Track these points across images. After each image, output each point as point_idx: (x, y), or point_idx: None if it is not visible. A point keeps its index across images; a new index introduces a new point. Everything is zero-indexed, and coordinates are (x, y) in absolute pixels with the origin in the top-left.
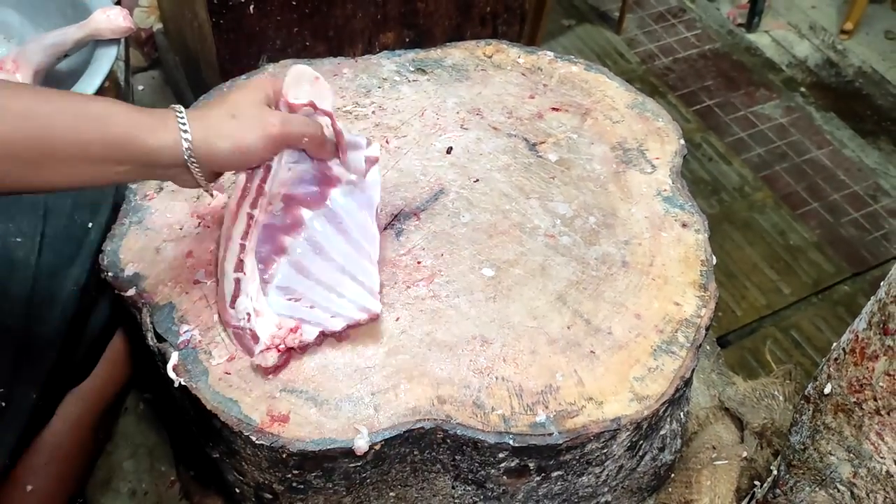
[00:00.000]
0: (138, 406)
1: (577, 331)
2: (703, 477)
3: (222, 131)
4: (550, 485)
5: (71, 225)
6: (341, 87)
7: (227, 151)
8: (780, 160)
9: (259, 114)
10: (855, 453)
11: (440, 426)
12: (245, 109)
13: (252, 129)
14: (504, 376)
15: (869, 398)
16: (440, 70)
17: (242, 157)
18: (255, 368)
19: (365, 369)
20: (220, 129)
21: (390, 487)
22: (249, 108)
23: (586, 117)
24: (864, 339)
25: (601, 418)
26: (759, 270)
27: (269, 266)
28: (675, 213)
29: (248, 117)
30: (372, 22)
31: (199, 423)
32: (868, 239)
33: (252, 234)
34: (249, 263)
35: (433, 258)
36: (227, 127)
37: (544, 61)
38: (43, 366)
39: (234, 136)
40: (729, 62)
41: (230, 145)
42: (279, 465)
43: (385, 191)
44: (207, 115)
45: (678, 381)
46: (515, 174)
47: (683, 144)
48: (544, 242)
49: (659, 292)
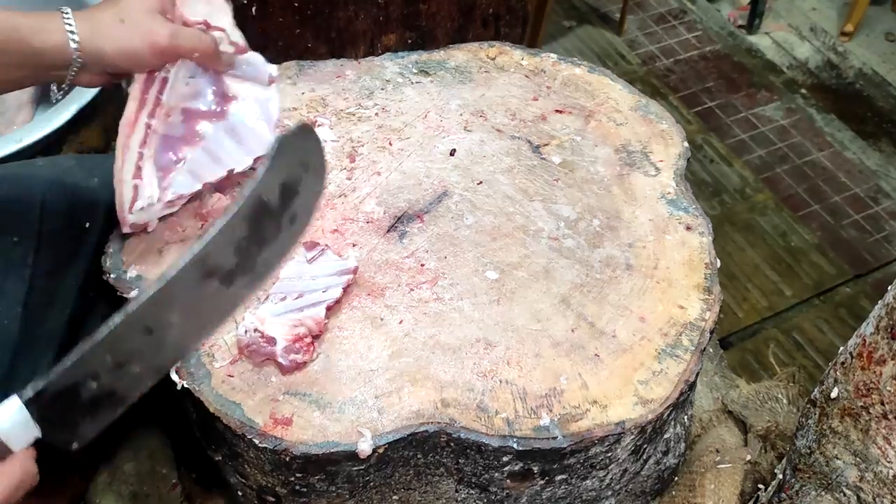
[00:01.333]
0: (140, 409)
1: (581, 334)
2: (706, 480)
3: (110, 33)
4: (554, 488)
5: (68, 225)
6: (344, 88)
7: (114, 54)
8: (781, 162)
9: (149, 22)
10: (861, 457)
11: (444, 429)
12: (135, 15)
13: (140, 35)
14: (508, 379)
15: (876, 402)
16: (443, 72)
17: (129, 61)
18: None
19: (368, 372)
20: (108, 31)
21: (393, 491)
22: (139, 14)
23: (590, 120)
24: (871, 343)
25: (605, 422)
26: (761, 272)
27: (167, 175)
28: (679, 215)
29: (136, 23)
30: (374, 23)
31: (201, 426)
32: (869, 241)
33: (150, 142)
34: (148, 170)
35: (437, 261)
36: (114, 30)
37: (547, 63)
38: (41, 367)
39: (120, 39)
40: (730, 64)
41: (116, 48)
42: (282, 469)
43: (388, 193)
44: (96, 16)
45: (682, 385)
46: (519, 176)
47: (687, 147)
48: (548, 245)
49: (663, 295)
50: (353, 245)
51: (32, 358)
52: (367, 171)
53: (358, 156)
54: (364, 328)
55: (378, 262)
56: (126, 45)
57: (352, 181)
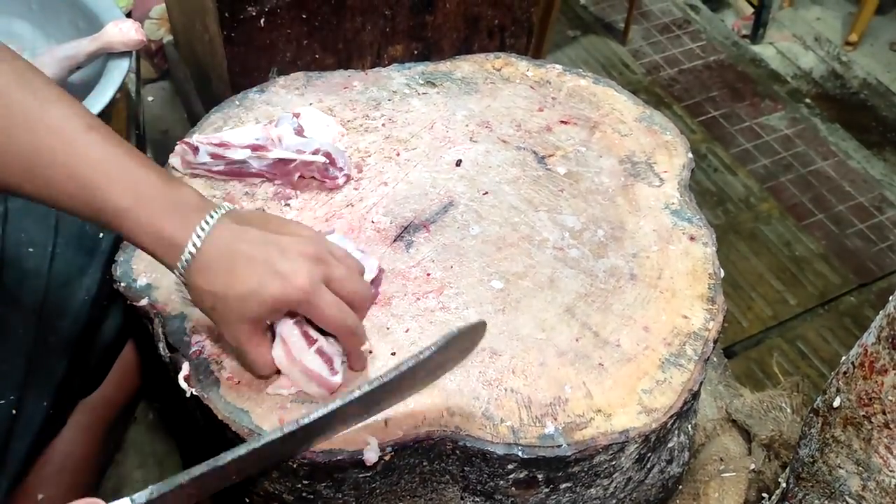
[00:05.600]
0: (148, 415)
1: (586, 343)
2: (710, 489)
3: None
4: (559, 496)
5: (82, 235)
6: (352, 99)
7: (200, 304)
8: (785, 171)
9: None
10: (864, 466)
11: (449, 437)
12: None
13: (227, 322)
14: (513, 388)
15: (878, 412)
16: (449, 83)
17: (210, 314)
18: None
19: (375, 380)
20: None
21: (399, 498)
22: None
23: (595, 130)
24: (873, 353)
25: (610, 430)
26: (765, 281)
27: None
28: (683, 226)
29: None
30: (381, 35)
31: (209, 433)
32: (874, 250)
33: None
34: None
35: (442, 270)
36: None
37: (553, 74)
38: (55, 375)
39: (212, 304)
40: (734, 73)
41: (205, 306)
42: (289, 475)
43: (395, 203)
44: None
45: (686, 394)
46: (524, 187)
47: (691, 158)
48: (553, 255)
49: (667, 305)
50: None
51: (46, 366)
52: (374, 182)
53: (365, 166)
54: (370, 337)
55: (384, 271)
56: (211, 314)
57: (359, 191)
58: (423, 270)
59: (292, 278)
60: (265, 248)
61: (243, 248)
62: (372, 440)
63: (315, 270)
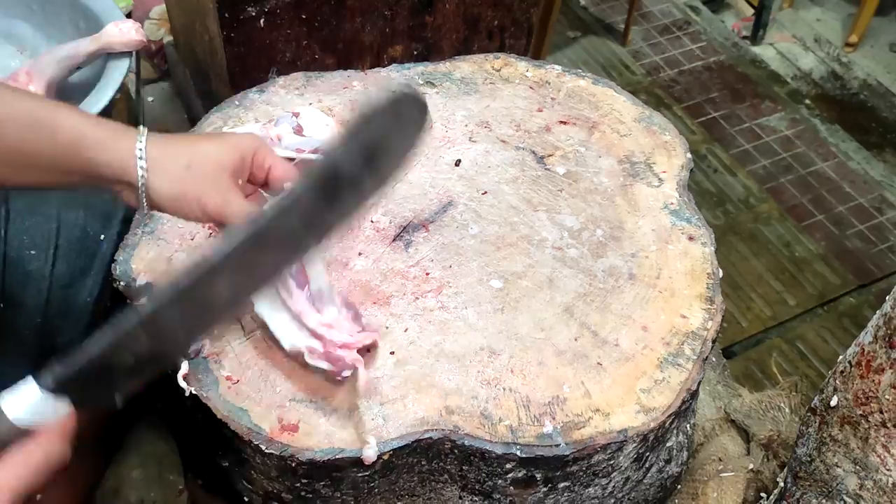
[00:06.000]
0: (148, 415)
1: (585, 343)
2: (709, 489)
3: (172, 175)
4: (557, 496)
5: (84, 237)
6: (351, 99)
7: (166, 197)
8: (785, 172)
9: (211, 180)
10: (861, 465)
11: (448, 437)
12: (203, 167)
13: (195, 190)
14: (511, 387)
15: (875, 411)
16: (449, 83)
17: (177, 210)
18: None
19: (374, 379)
20: (171, 173)
21: (398, 497)
22: (207, 168)
23: (594, 131)
24: (870, 352)
25: (608, 430)
26: (765, 282)
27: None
28: (682, 226)
29: (199, 177)
30: (380, 35)
31: (208, 432)
32: (873, 251)
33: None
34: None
35: (442, 269)
36: (177, 173)
37: (552, 75)
38: None
39: (177, 186)
40: (734, 74)
41: (170, 194)
42: (288, 474)
43: (394, 202)
44: (168, 149)
45: (684, 394)
46: (523, 187)
47: (690, 158)
48: (552, 255)
49: (666, 305)
50: (359, 254)
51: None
52: None
53: None
54: None
55: (384, 270)
56: (179, 193)
57: None
58: (422, 270)
59: (240, 133)
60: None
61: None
62: (371, 439)
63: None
